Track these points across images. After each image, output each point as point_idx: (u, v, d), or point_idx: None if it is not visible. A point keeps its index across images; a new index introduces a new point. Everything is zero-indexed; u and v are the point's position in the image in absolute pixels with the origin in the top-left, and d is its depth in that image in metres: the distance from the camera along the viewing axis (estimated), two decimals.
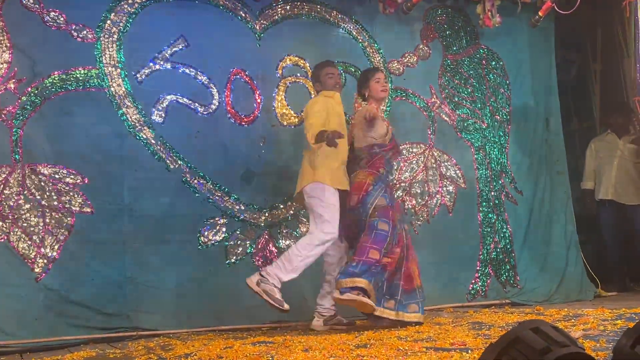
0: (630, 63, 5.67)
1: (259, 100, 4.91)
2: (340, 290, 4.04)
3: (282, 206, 4.87)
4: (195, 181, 4.63)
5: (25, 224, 4.13)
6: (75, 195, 4.29)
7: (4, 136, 4.16)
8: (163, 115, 4.60)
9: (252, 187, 4.81)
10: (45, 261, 4.14)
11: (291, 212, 4.88)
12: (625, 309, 4.23)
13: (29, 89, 4.26)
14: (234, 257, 4.68)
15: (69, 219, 4.25)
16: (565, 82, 6.02)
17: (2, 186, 4.11)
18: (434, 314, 4.69)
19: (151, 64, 4.61)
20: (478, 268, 5.33)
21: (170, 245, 4.52)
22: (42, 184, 4.22)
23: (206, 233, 4.62)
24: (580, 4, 5.35)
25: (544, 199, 5.64)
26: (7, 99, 4.20)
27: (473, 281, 5.30)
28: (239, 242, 4.70)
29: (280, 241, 4.81)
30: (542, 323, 1.60)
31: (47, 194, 4.22)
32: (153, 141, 4.54)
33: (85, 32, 4.45)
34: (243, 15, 4.94)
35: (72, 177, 4.30)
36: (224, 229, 4.67)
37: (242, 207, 4.74)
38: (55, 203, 4.23)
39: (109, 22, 4.52)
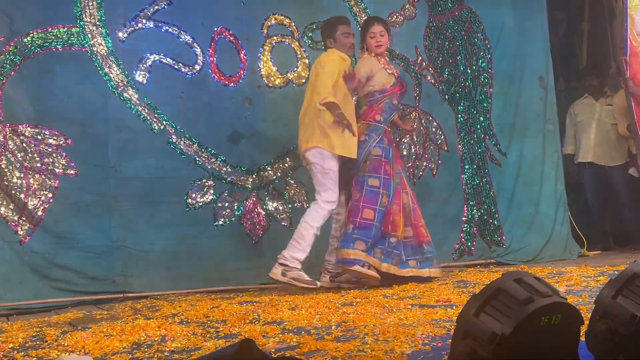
0: (618, 23, 5.62)
1: (244, 61, 4.84)
2: (342, 260, 4.06)
3: (269, 168, 4.84)
4: (182, 142, 4.58)
5: (7, 186, 4.07)
6: (59, 157, 4.23)
7: None
8: (146, 75, 4.52)
9: (239, 149, 4.76)
10: (29, 224, 4.10)
11: (278, 174, 4.85)
12: (609, 267, 4.30)
13: (8, 48, 4.15)
14: (222, 219, 4.66)
15: (52, 181, 4.19)
16: (553, 42, 5.97)
17: None
18: None
19: (133, 22, 4.50)
20: (463, 228, 5.36)
21: (157, 208, 4.48)
22: (24, 145, 4.15)
23: (194, 195, 4.59)
24: None
25: (535, 158, 5.63)
26: None
27: (458, 241, 5.34)
28: (226, 204, 4.68)
29: (268, 203, 4.80)
30: (524, 274, 1.60)
31: (30, 155, 4.15)
32: (137, 102, 4.48)
33: None
34: None
35: (54, 138, 4.23)
36: (211, 191, 4.64)
37: (229, 169, 4.71)
38: (38, 165, 4.16)
39: None
